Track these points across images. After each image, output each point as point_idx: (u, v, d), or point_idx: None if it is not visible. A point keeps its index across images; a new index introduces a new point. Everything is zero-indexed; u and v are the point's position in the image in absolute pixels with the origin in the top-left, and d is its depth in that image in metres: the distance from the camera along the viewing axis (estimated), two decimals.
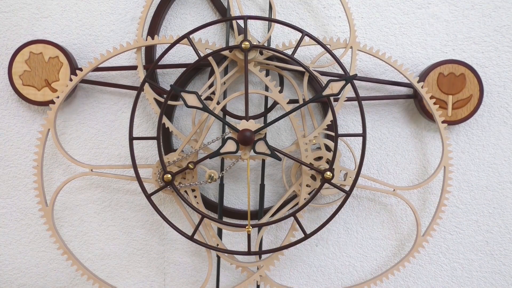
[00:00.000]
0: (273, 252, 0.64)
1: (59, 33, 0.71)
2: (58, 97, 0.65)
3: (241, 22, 0.68)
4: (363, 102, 0.70)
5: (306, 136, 0.65)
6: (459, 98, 0.68)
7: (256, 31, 0.71)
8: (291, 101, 0.69)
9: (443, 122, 0.68)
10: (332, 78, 0.61)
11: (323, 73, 0.68)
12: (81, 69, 0.69)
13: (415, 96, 0.69)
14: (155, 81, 0.70)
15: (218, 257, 0.71)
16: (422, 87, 0.65)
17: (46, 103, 0.68)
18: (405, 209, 0.73)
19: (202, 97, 0.63)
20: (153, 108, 0.65)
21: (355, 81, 0.69)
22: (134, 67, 0.68)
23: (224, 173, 0.64)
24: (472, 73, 0.68)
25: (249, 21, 0.70)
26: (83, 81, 0.69)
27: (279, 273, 0.75)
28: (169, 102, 0.64)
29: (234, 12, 0.66)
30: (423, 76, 0.68)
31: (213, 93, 0.64)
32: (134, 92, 0.71)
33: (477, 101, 0.68)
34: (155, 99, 0.66)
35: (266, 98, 0.69)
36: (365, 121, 0.61)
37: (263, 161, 0.69)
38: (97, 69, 0.68)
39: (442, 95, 0.68)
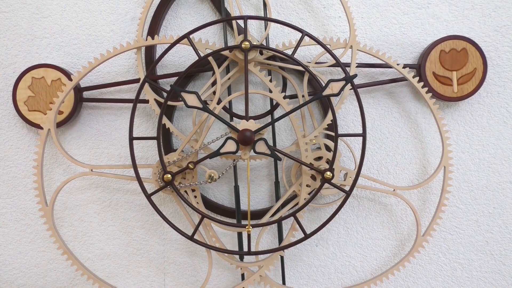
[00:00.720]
0: (273, 252, 0.64)
1: (59, 33, 0.71)
2: (67, 123, 0.66)
3: (240, 22, 0.68)
4: (363, 89, 0.70)
5: (306, 136, 0.65)
6: (463, 73, 0.68)
7: (253, 30, 0.71)
8: (290, 101, 0.69)
9: (449, 99, 0.68)
10: (332, 78, 0.61)
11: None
12: (83, 89, 0.69)
13: (419, 74, 0.68)
14: (155, 82, 0.69)
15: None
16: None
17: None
18: (405, 209, 0.73)
19: (203, 98, 0.63)
20: (153, 109, 0.65)
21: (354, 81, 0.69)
22: (136, 81, 0.68)
23: (224, 173, 0.64)
24: (473, 46, 0.67)
25: (249, 21, 0.70)
26: (85, 99, 0.70)
27: (279, 273, 0.74)
28: (169, 102, 0.64)
29: (234, 12, 0.66)
30: (424, 55, 0.68)
31: (214, 93, 0.64)
32: (134, 92, 0.71)
33: (481, 74, 0.67)
34: (155, 99, 0.66)
35: (271, 98, 0.69)
36: (365, 121, 0.61)
37: (275, 160, 0.69)
38: (98, 86, 0.69)
39: (446, 72, 0.68)
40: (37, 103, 0.69)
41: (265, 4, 0.67)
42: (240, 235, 0.70)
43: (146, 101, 0.66)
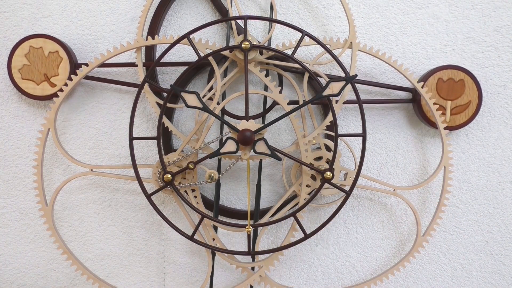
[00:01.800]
0: (273, 252, 0.64)
1: (59, 33, 0.71)
2: (58, 96, 0.65)
3: (240, 22, 0.68)
4: (364, 88, 0.70)
5: (306, 136, 0.65)
6: (457, 104, 0.68)
7: (257, 31, 0.71)
8: (290, 102, 0.69)
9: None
10: (333, 78, 0.61)
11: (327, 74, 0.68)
12: (80, 65, 0.69)
13: (414, 101, 0.69)
14: (155, 81, 0.70)
15: (213, 255, 0.71)
16: (422, 87, 0.65)
17: (45, 98, 0.68)
18: (405, 209, 0.73)
19: (204, 99, 0.63)
20: (153, 108, 0.65)
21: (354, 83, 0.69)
22: (134, 64, 0.68)
23: (224, 173, 0.64)
24: (471, 79, 0.68)
25: (250, 21, 0.70)
26: (85, 77, 0.69)
27: (279, 273, 0.74)
28: (168, 105, 0.64)
29: (233, 12, 0.66)
30: (422, 80, 0.68)
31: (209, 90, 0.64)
32: (135, 92, 0.71)
33: (475, 107, 0.68)
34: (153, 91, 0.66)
35: (265, 98, 0.69)
36: (365, 121, 0.61)
37: (260, 161, 0.69)
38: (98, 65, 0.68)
39: (441, 101, 0.68)
40: (31, 72, 0.68)
41: (272, 7, 0.67)
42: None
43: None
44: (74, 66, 0.68)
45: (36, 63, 0.68)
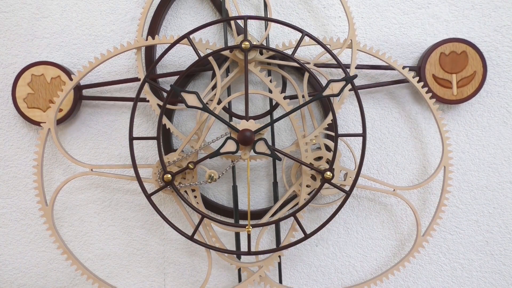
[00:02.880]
0: (273, 252, 0.64)
1: (59, 33, 0.71)
2: (65, 121, 0.66)
3: (240, 22, 0.68)
4: (364, 89, 0.70)
5: (306, 136, 0.65)
6: (463, 76, 0.68)
7: (253, 31, 0.71)
8: (290, 102, 0.69)
9: (449, 102, 0.68)
10: (333, 78, 0.61)
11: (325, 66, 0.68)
12: (83, 87, 0.69)
13: (419, 75, 0.68)
14: (155, 81, 0.70)
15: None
16: (425, 63, 0.65)
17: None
18: (405, 209, 0.73)
19: (205, 100, 0.63)
20: (154, 109, 0.65)
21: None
22: (136, 79, 0.68)
23: (224, 173, 0.64)
24: (473, 49, 0.67)
25: (249, 21, 0.70)
26: (85, 97, 0.70)
27: (278, 273, 0.74)
28: (168, 106, 0.64)
29: (232, 12, 0.66)
30: (424, 57, 0.68)
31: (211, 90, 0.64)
32: (135, 91, 0.71)
33: (481, 77, 0.67)
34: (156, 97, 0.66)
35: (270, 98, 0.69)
36: (365, 121, 0.61)
37: (274, 160, 0.69)
38: (97, 85, 0.69)
39: (446, 75, 0.68)
40: (37, 100, 0.69)
41: (265, 4, 0.67)
42: (237, 235, 0.70)
43: (146, 100, 0.66)
44: (78, 88, 0.69)
45: (40, 90, 0.69)
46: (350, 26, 0.65)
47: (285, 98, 0.63)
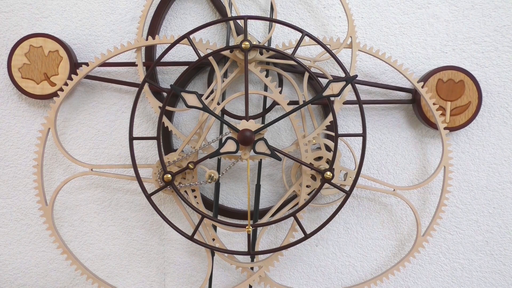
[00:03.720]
0: (273, 252, 0.64)
1: (59, 33, 0.71)
2: (58, 96, 0.65)
3: (240, 22, 0.68)
4: (364, 88, 0.71)
5: (306, 136, 0.65)
6: (457, 105, 0.68)
7: (257, 31, 0.71)
8: (290, 102, 0.69)
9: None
10: (333, 78, 0.61)
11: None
12: (80, 64, 0.69)
13: (414, 101, 0.69)
14: (155, 81, 0.70)
15: (213, 255, 0.71)
16: (422, 87, 0.65)
17: (44, 97, 0.68)
18: (405, 209, 0.73)
19: (206, 100, 0.63)
20: (153, 108, 0.65)
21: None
22: (135, 64, 0.68)
23: (224, 173, 0.64)
24: (471, 80, 0.68)
25: (250, 22, 0.70)
26: (86, 76, 0.69)
27: (279, 273, 0.74)
28: (167, 108, 0.64)
29: (230, 12, 0.66)
30: (422, 81, 0.68)
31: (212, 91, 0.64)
32: (135, 92, 0.71)
33: (475, 108, 0.68)
34: (155, 97, 0.66)
35: (265, 98, 0.69)
36: (365, 121, 0.61)
37: (260, 161, 0.69)
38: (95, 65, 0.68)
39: (441, 101, 0.68)
40: (31, 71, 0.68)
41: (272, 8, 0.67)
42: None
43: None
44: (74, 65, 0.68)
45: (36, 62, 0.68)
46: (350, 23, 0.65)
47: (289, 104, 0.63)
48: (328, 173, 0.60)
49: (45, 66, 0.68)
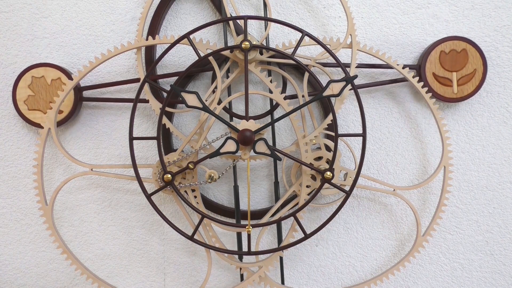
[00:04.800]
0: (273, 252, 0.64)
1: (59, 33, 0.71)
2: (66, 122, 0.66)
3: (240, 22, 0.68)
4: (363, 89, 0.71)
5: (306, 136, 0.65)
6: (463, 74, 0.68)
7: (253, 31, 0.71)
8: (290, 102, 0.69)
9: (449, 100, 0.68)
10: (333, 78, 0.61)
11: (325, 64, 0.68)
12: (84, 88, 0.69)
13: (419, 75, 0.68)
14: (156, 81, 0.70)
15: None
16: (425, 60, 0.65)
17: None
18: (405, 209, 0.73)
19: (207, 101, 0.63)
20: (154, 109, 0.65)
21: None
22: (136, 80, 0.68)
23: (224, 172, 0.64)
24: (473, 47, 0.67)
25: (248, 22, 0.70)
26: (85, 99, 0.70)
27: (279, 273, 0.74)
28: (167, 109, 0.64)
29: (229, 12, 0.66)
30: (424, 56, 0.68)
31: (213, 91, 0.64)
32: (135, 91, 0.71)
33: (481, 75, 0.67)
34: (155, 98, 0.66)
35: (271, 98, 0.69)
36: (365, 121, 0.61)
37: (275, 160, 0.69)
38: (97, 86, 0.69)
39: (446, 73, 0.68)
40: (37, 102, 0.69)
41: (265, 4, 0.67)
42: (239, 235, 0.70)
43: (146, 101, 0.66)
44: (78, 89, 0.69)
45: (40, 92, 0.69)
46: (349, 22, 0.64)
47: (285, 98, 0.63)
48: (328, 173, 0.60)
49: (49, 94, 0.69)
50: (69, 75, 0.69)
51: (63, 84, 0.68)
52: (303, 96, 0.66)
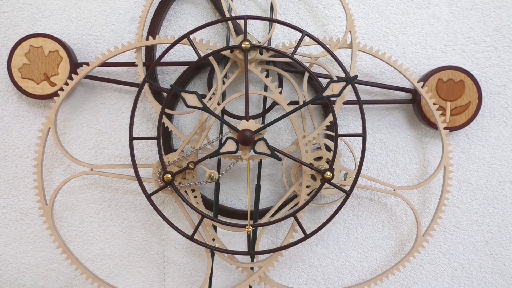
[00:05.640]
0: (273, 252, 0.64)
1: (59, 33, 0.71)
2: (58, 96, 0.65)
3: (240, 22, 0.68)
4: (364, 88, 0.71)
5: (306, 136, 0.65)
6: (457, 105, 0.68)
7: (256, 31, 0.71)
8: (291, 102, 0.69)
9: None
10: (333, 79, 0.61)
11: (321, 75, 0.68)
12: (80, 64, 0.69)
13: (414, 101, 0.69)
14: (155, 81, 0.70)
15: (213, 255, 0.71)
16: (422, 87, 0.65)
17: (44, 97, 0.68)
18: (405, 209, 0.73)
19: (208, 102, 0.63)
20: (153, 108, 0.65)
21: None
22: (135, 64, 0.68)
23: (224, 173, 0.64)
24: (471, 80, 0.68)
25: (250, 22, 0.70)
26: (86, 76, 0.69)
27: (279, 273, 0.74)
28: (166, 111, 0.64)
29: (227, 12, 0.66)
30: (422, 81, 0.68)
31: (213, 93, 0.64)
32: (135, 91, 0.71)
33: (475, 108, 0.68)
34: (155, 98, 0.66)
35: (265, 98, 0.69)
36: (365, 121, 0.61)
37: (260, 161, 0.69)
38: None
39: (441, 101, 0.68)
40: (31, 71, 0.68)
41: (272, 7, 0.67)
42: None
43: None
44: (74, 65, 0.68)
45: (36, 62, 0.68)
46: (348, 17, 0.64)
47: (289, 104, 0.63)
48: (328, 173, 0.60)
49: (45, 66, 0.68)
50: (67, 49, 0.68)
51: (60, 58, 0.68)
52: (303, 96, 0.66)
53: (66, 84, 0.68)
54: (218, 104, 0.65)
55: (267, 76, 0.66)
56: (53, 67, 0.68)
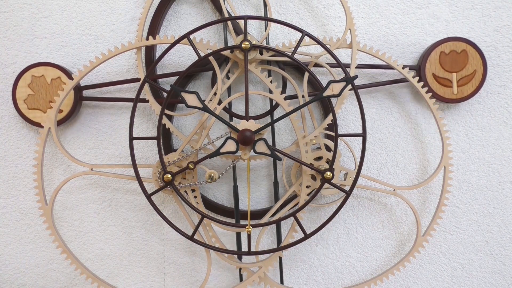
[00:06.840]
0: (273, 252, 0.64)
1: (59, 33, 0.71)
2: (65, 121, 0.66)
3: (240, 22, 0.68)
4: (364, 89, 0.71)
5: (306, 136, 0.65)
6: (463, 75, 0.68)
7: (253, 31, 0.71)
8: (291, 102, 0.69)
9: (449, 101, 0.68)
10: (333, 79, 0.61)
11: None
12: (83, 88, 0.69)
13: (420, 77, 0.68)
14: (155, 81, 0.70)
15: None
16: (425, 61, 0.65)
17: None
18: (405, 209, 0.73)
19: (208, 103, 0.63)
20: (154, 109, 0.65)
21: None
22: (136, 80, 0.68)
23: (224, 173, 0.64)
24: (473, 48, 0.67)
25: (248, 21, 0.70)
26: (85, 98, 0.70)
27: (279, 273, 0.74)
28: (167, 112, 0.64)
29: (226, 12, 0.66)
30: (424, 57, 0.68)
31: (214, 93, 0.64)
32: (135, 92, 0.71)
33: (481, 76, 0.68)
34: (155, 98, 0.66)
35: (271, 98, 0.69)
36: (365, 121, 0.61)
37: (274, 160, 0.69)
38: (97, 85, 0.69)
39: (446, 74, 0.68)
40: (37, 101, 0.69)
41: (265, 4, 0.67)
42: (238, 235, 0.70)
43: (146, 101, 0.66)
44: (78, 89, 0.69)
45: (40, 91, 0.69)
46: (348, 16, 0.64)
47: (285, 98, 0.63)
48: (328, 173, 0.60)
49: (49, 94, 0.69)
50: (69, 75, 0.69)
51: (63, 84, 0.68)
52: (303, 96, 0.66)
53: (73, 110, 0.69)
54: (218, 104, 0.65)
55: (268, 76, 0.66)
56: (57, 94, 0.68)
